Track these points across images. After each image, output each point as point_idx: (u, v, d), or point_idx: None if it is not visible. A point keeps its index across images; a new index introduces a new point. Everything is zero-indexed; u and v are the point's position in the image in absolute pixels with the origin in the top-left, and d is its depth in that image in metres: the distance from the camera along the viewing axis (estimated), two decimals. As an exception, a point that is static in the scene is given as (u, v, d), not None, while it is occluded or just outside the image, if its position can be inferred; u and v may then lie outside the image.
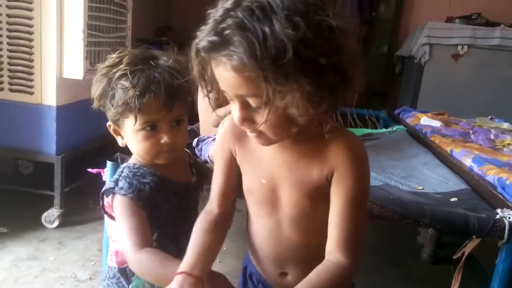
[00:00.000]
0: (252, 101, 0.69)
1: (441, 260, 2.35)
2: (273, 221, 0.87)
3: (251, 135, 0.76)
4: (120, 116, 0.91)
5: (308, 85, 0.64)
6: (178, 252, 0.86)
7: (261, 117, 0.70)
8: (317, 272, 0.76)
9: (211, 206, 0.89)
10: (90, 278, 1.95)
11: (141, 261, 0.83)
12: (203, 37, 0.67)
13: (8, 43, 2.21)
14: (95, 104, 0.94)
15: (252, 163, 0.86)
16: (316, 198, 0.81)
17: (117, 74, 0.88)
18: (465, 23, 3.76)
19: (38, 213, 2.34)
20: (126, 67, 0.88)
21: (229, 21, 0.64)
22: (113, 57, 0.92)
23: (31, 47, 2.20)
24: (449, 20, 3.91)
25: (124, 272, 0.97)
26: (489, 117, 2.83)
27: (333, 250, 0.78)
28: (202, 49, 0.68)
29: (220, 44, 0.65)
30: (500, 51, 3.57)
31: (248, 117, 0.72)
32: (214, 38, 0.65)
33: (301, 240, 0.85)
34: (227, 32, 0.64)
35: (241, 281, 1.03)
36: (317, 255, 0.83)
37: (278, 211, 0.86)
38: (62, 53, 2.22)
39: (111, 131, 0.97)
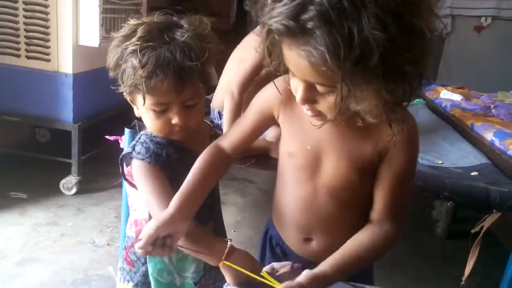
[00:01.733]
0: (319, 87, 0.66)
1: (456, 235, 2.34)
2: (310, 189, 0.86)
3: (309, 114, 0.73)
4: (130, 93, 0.89)
5: (388, 93, 0.61)
6: (196, 221, 0.85)
7: (325, 102, 0.67)
8: (360, 240, 0.80)
9: (225, 144, 0.90)
10: (108, 243, 1.99)
11: None
12: (279, 19, 0.60)
13: (24, 9, 2.20)
14: (110, 74, 0.91)
15: (298, 128, 0.84)
16: (364, 173, 0.82)
17: (129, 48, 0.84)
18: (490, -7, 3.62)
19: (56, 180, 2.38)
20: (138, 42, 0.83)
21: (312, 9, 0.57)
22: (129, 25, 0.88)
23: (47, 13, 2.19)
24: (473, -10, 3.78)
25: None
26: (511, 91, 2.75)
27: (379, 218, 0.82)
28: (276, 31, 0.62)
29: (299, 34, 0.59)
30: (526, 23, 3.45)
31: (311, 98, 0.69)
32: (293, 24, 0.59)
33: (335, 210, 0.85)
34: (309, 24, 0.58)
35: (261, 244, 1.04)
36: (347, 226, 0.85)
37: (318, 179, 0.85)
38: (78, 20, 2.20)
39: (128, 99, 0.96)
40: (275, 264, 0.87)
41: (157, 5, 3.75)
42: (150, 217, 0.92)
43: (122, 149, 1.36)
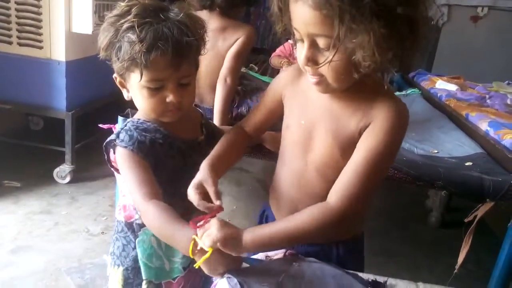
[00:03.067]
0: (321, 42, 0.71)
1: (449, 224, 2.36)
2: (301, 164, 0.88)
3: (312, 80, 0.78)
4: (126, 70, 0.87)
5: (381, 29, 0.66)
6: (184, 209, 0.86)
7: (324, 58, 0.72)
8: (302, 212, 0.79)
9: (245, 125, 1.00)
10: (102, 232, 1.99)
11: (148, 214, 0.83)
12: None
13: (16, -5, 2.16)
14: (101, 55, 0.90)
15: (297, 104, 0.89)
16: (347, 149, 0.81)
17: (125, 25, 0.83)
18: (487, -17, 3.61)
19: (50, 168, 2.37)
20: (134, 19, 0.83)
21: None
22: (122, 6, 0.87)
23: (39, -1, 2.15)
24: (470, -21, 3.76)
25: (131, 226, 0.97)
26: (506, 82, 2.75)
27: (331, 193, 0.80)
28: None
29: None
30: (522, 13, 3.44)
31: (313, 57, 0.74)
32: None
33: (322, 188, 0.85)
34: None
35: (258, 223, 1.05)
36: None
37: (309, 155, 0.87)
38: (70, 6, 2.17)
39: (117, 83, 0.95)
40: (269, 252, 0.87)
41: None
42: None
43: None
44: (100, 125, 1.43)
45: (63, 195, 2.27)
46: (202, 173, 0.84)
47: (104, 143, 0.93)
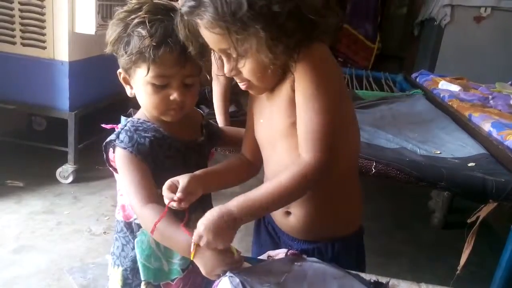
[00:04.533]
0: (233, 53, 0.78)
1: (452, 225, 2.36)
2: (275, 161, 0.91)
3: (242, 86, 0.85)
4: (133, 65, 0.87)
5: (262, 31, 0.72)
6: (183, 210, 0.85)
7: (243, 68, 0.79)
8: (283, 170, 0.80)
9: (243, 150, 1.03)
10: (105, 232, 1.99)
11: (145, 217, 0.83)
12: (184, 2, 0.77)
13: (19, -4, 2.17)
14: (108, 49, 0.90)
15: (256, 109, 0.95)
16: (293, 115, 0.81)
17: (135, 20, 0.85)
18: (490, -17, 3.59)
19: (53, 168, 2.38)
20: (145, 15, 0.84)
21: None
22: (132, 3, 0.88)
23: (42, 0, 2.16)
24: (474, -20, 3.75)
25: (130, 227, 0.97)
26: (509, 82, 2.75)
27: (300, 151, 0.80)
28: (184, 13, 0.78)
29: (195, 7, 0.75)
30: (526, 14, 3.42)
31: (234, 69, 0.81)
32: (192, 2, 0.75)
33: None
34: None
35: (255, 223, 1.07)
36: (320, 194, 0.86)
37: (276, 149, 0.89)
38: (74, 7, 2.18)
39: (120, 79, 0.95)
40: (271, 252, 0.87)
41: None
42: None
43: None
44: (103, 125, 1.43)
45: (66, 195, 2.28)
46: (184, 178, 0.85)
47: (104, 143, 0.93)
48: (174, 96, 0.88)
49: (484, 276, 1.71)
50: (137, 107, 1.11)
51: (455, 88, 2.42)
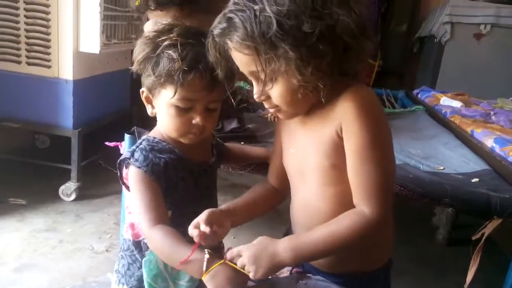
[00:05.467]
0: (262, 75, 0.76)
1: (456, 242, 2.33)
2: (303, 192, 0.89)
3: (271, 111, 0.84)
4: (158, 86, 0.88)
5: (292, 52, 0.71)
6: (176, 233, 0.85)
7: (274, 92, 0.78)
8: (338, 218, 0.79)
9: (269, 176, 1.02)
10: (107, 250, 1.98)
11: (154, 238, 0.83)
12: (216, 24, 0.78)
13: (26, 16, 2.20)
14: (134, 67, 0.91)
15: (286, 137, 0.93)
16: (334, 157, 0.81)
17: (166, 42, 0.85)
18: (489, 1, 3.63)
19: (56, 186, 2.38)
20: (177, 38, 0.85)
21: (232, 7, 0.75)
22: (163, 24, 0.89)
23: (48, 20, 2.19)
24: (473, -3, 3.79)
25: (138, 245, 0.97)
26: (511, 98, 2.75)
27: (355, 202, 0.80)
28: (216, 35, 0.78)
29: (227, 28, 0.75)
30: (525, 30, 3.45)
31: (264, 93, 0.79)
32: (224, 24, 0.76)
33: (329, 209, 0.85)
34: (230, 15, 0.75)
35: None
36: None
37: (306, 181, 0.88)
38: (78, 26, 2.21)
39: (142, 97, 0.95)
40: (275, 271, 0.86)
41: None
42: None
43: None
44: (107, 143, 1.44)
45: (68, 213, 2.27)
46: (215, 210, 0.87)
47: (118, 160, 0.93)
48: (196, 120, 0.88)
49: (490, 294, 1.68)
50: (140, 125, 1.12)
51: (456, 104, 2.42)
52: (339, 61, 0.75)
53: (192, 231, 0.81)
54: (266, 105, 0.83)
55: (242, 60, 0.77)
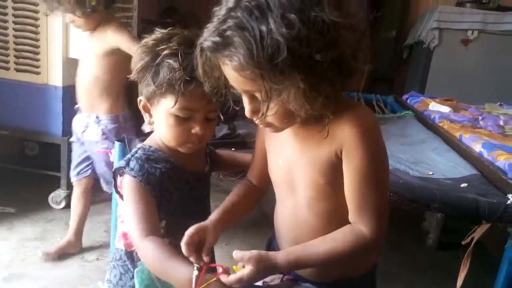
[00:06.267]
0: (258, 95, 0.72)
1: (447, 246, 2.35)
2: (291, 204, 0.88)
3: (261, 126, 0.81)
4: (158, 95, 0.87)
5: (302, 82, 0.66)
6: (167, 244, 0.84)
7: (270, 111, 0.73)
8: (334, 234, 0.80)
9: (250, 176, 1.01)
10: (97, 258, 1.96)
11: (144, 250, 0.82)
12: (207, 36, 0.71)
13: (14, 22, 2.20)
14: (132, 76, 0.90)
15: (273, 146, 0.91)
16: (330, 176, 0.81)
17: (166, 51, 0.84)
18: (476, 7, 3.69)
19: (45, 194, 2.36)
20: (178, 47, 0.84)
21: (230, 21, 0.67)
22: (162, 32, 0.88)
23: (37, 26, 2.19)
24: (460, 4, 3.84)
25: (131, 256, 0.96)
26: (498, 103, 2.79)
27: (353, 220, 0.80)
28: (207, 49, 0.72)
29: (222, 45, 0.68)
30: (511, 36, 3.50)
31: (256, 109, 0.75)
32: (217, 38, 0.69)
33: (318, 223, 0.85)
34: (228, 33, 0.67)
35: None
36: None
37: (295, 193, 0.87)
38: (67, 33, 2.20)
39: (140, 106, 0.94)
40: (266, 278, 0.86)
41: (148, 17, 3.77)
42: None
43: (112, 163, 1.36)
44: (97, 151, 1.44)
45: (58, 221, 2.25)
46: (205, 224, 0.86)
47: (113, 169, 0.93)
48: (196, 129, 0.88)
49: (480, 297, 1.70)
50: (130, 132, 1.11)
51: (445, 109, 2.45)
52: (344, 85, 0.73)
53: (187, 252, 0.80)
54: (257, 121, 0.79)
55: (238, 79, 0.72)
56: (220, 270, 0.76)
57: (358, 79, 0.77)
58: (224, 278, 0.74)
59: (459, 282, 1.26)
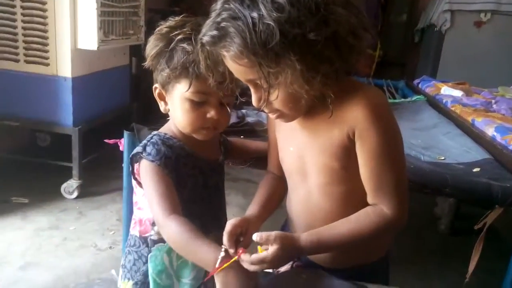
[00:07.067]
0: (262, 83, 0.73)
1: (459, 231, 2.33)
2: (303, 191, 0.88)
3: (271, 116, 0.81)
4: (173, 80, 0.87)
5: (299, 63, 0.67)
6: (201, 229, 0.84)
7: (272, 96, 0.74)
8: (357, 215, 0.79)
9: (270, 169, 1.02)
10: (110, 247, 1.99)
11: (169, 227, 0.82)
12: (206, 31, 0.73)
13: (22, 14, 2.20)
14: (147, 63, 0.90)
15: (284, 134, 0.91)
16: (344, 159, 0.80)
17: (180, 36, 0.84)
18: (489, -13, 3.61)
19: (58, 184, 2.38)
20: (191, 32, 0.84)
21: (224, 13, 0.69)
22: (176, 19, 0.89)
23: (45, 17, 2.19)
24: (472, -15, 3.76)
25: (145, 241, 0.97)
26: (512, 86, 2.74)
27: (373, 202, 0.80)
28: (206, 43, 0.73)
29: (219, 37, 0.70)
30: (525, 17, 3.43)
31: (261, 97, 0.76)
32: (214, 32, 0.71)
33: (333, 208, 0.85)
34: (223, 24, 0.69)
35: None
36: None
37: (308, 180, 0.87)
38: (76, 23, 2.20)
39: (155, 94, 0.94)
40: (277, 265, 0.86)
41: (155, 7, 3.76)
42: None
43: (122, 152, 1.36)
44: (106, 140, 1.44)
45: (71, 211, 2.28)
46: (247, 217, 0.87)
47: (130, 155, 0.93)
48: (211, 114, 0.87)
49: (493, 282, 1.69)
50: (139, 122, 1.12)
51: (457, 93, 2.41)
52: (344, 64, 0.72)
53: (229, 243, 0.80)
54: (266, 110, 0.80)
55: (239, 69, 0.73)
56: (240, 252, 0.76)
57: (367, 63, 0.75)
58: (245, 257, 0.74)
59: (471, 266, 1.25)
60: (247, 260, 0.74)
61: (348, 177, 0.81)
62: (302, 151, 0.86)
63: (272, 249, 0.74)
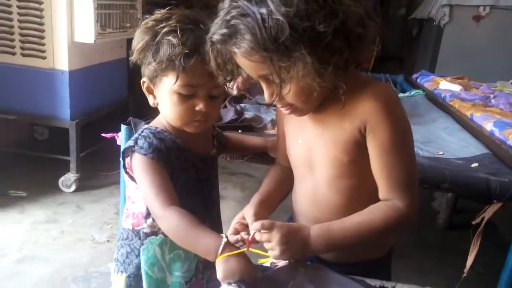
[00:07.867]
0: (274, 78, 0.73)
1: (457, 226, 2.34)
2: (310, 184, 0.88)
3: (285, 111, 0.81)
4: (160, 73, 0.86)
5: (310, 56, 0.67)
6: (193, 217, 0.85)
7: (284, 91, 0.74)
8: (370, 209, 0.79)
9: (279, 160, 1.02)
10: (108, 240, 1.99)
11: (169, 218, 0.82)
12: (215, 30, 0.73)
13: (18, 6, 2.18)
14: (133, 57, 0.90)
15: (292, 127, 0.91)
16: (354, 154, 0.80)
17: (165, 29, 0.84)
18: (488, -18, 3.59)
19: (55, 177, 2.38)
20: (176, 24, 0.84)
21: (233, 11, 0.70)
22: (161, 12, 0.88)
23: (41, 10, 2.17)
24: (472, -21, 3.75)
25: (138, 234, 0.97)
26: (510, 81, 2.74)
27: (385, 197, 0.80)
28: (217, 42, 0.73)
29: (229, 35, 0.71)
30: (525, 12, 3.42)
31: (274, 93, 0.75)
32: (224, 30, 0.71)
33: (340, 201, 0.85)
34: (233, 22, 0.70)
35: None
36: None
37: (315, 173, 0.87)
38: (72, 16, 2.19)
39: (143, 88, 0.93)
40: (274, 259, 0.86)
41: (153, -1, 3.73)
42: (148, 211, 0.92)
43: (119, 146, 1.36)
44: (103, 134, 1.43)
45: (69, 204, 2.28)
46: (249, 207, 0.87)
47: (122, 149, 0.93)
48: (200, 106, 0.87)
49: (491, 277, 1.69)
50: (136, 116, 1.11)
51: (456, 88, 2.41)
52: (353, 54, 0.72)
53: (232, 238, 0.82)
54: (279, 105, 0.80)
55: (250, 65, 0.73)
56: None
57: (366, 58, 0.76)
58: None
59: (469, 261, 1.26)
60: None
61: (356, 171, 0.82)
62: (311, 144, 0.86)
63: (282, 226, 0.76)
